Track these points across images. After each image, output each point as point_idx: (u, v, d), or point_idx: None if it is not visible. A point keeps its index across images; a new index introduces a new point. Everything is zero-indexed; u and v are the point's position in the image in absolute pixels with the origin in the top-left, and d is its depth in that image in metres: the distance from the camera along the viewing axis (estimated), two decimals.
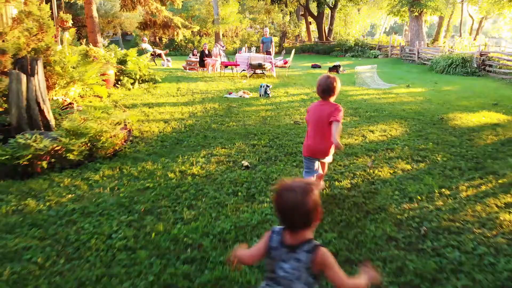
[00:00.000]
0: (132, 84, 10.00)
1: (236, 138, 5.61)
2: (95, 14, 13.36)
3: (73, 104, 6.78)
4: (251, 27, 39.35)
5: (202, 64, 14.95)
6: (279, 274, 1.58)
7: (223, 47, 17.94)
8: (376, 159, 4.79)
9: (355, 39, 29.63)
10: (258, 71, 13.04)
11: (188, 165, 4.47)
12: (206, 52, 15.00)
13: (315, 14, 36.25)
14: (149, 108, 7.70)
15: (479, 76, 15.11)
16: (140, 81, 10.43)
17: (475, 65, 15.57)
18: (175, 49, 35.05)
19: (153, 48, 18.67)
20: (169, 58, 17.84)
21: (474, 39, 37.40)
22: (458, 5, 37.81)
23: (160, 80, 10.71)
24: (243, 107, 8.03)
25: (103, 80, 8.26)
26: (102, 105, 7.49)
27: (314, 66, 18.75)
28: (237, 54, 14.15)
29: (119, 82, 9.80)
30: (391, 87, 11.74)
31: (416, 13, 21.90)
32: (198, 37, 38.03)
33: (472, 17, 39.79)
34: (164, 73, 14.15)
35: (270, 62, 12.84)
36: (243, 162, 4.56)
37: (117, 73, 9.79)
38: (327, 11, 36.84)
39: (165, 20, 11.08)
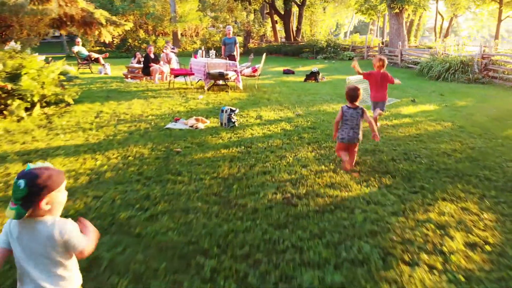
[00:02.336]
0: (29, 109, 6.61)
1: (160, 277, 2.47)
2: None
3: None
4: (213, 26, 36.03)
5: (147, 71, 11.63)
6: (347, 118, 4.06)
7: (173, 49, 14.61)
8: None
9: (327, 39, 27.07)
10: (221, 81, 9.92)
11: None
12: (152, 56, 11.69)
13: (282, 12, 33.52)
14: (25, 162, 4.40)
15: (484, 84, 12.72)
16: (44, 104, 7.05)
17: (477, 70, 13.19)
18: (127, 51, 31.10)
19: (88, 52, 15.07)
20: (107, 64, 14.33)
21: (444, 39, 36.03)
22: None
23: (72, 102, 7.34)
24: (192, 151, 4.89)
25: None
26: None
27: (286, 72, 15.82)
28: (191, 59, 10.97)
29: (6, 108, 6.38)
30: (394, 103, 8.97)
31: (397, 10, 19.51)
32: (153, 37, 34.29)
33: (442, 16, 38.39)
34: (94, 85, 10.73)
35: (235, 71, 9.75)
36: None
37: (2, 95, 6.37)
38: (295, 9, 34.20)
39: (84, 14, 7.70)
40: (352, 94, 4.09)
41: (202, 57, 10.82)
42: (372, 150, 5.04)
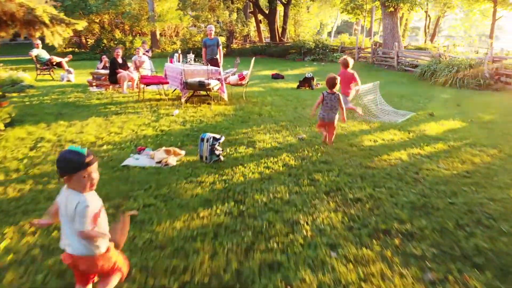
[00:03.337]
0: None
1: None
2: None
3: None
4: (194, 26, 34.11)
5: (113, 79, 9.83)
6: (327, 102, 5.03)
7: (148, 51, 12.81)
8: None
9: (315, 40, 25.59)
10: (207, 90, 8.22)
11: None
12: (120, 60, 9.90)
13: (266, 11, 31.97)
14: None
15: (497, 90, 11.38)
16: None
17: (487, 75, 11.85)
18: (102, 52, 28.92)
19: (49, 55, 13.13)
20: (71, 69, 12.43)
21: (431, 39, 35.06)
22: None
23: (1, 128, 5.54)
24: (154, 214, 3.20)
25: None
26: None
27: (275, 77, 14.21)
28: (166, 65, 9.24)
29: None
30: (411, 117, 7.46)
31: (392, 8, 18.13)
32: (130, 37, 32.19)
33: (429, 16, 37.41)
34: (49, 96, 8.91)
35: (219, 79, 8.07)
36: None
37: None
38: (280, 8, 32.65)
39: (24, 12, 5.91)
40: (332, 82, 5.09)
41: (179, 61, 9.10)
42: (422, 205, 3.45)
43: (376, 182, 3.96)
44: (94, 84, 10.79)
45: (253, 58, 9.68)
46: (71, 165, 1.81)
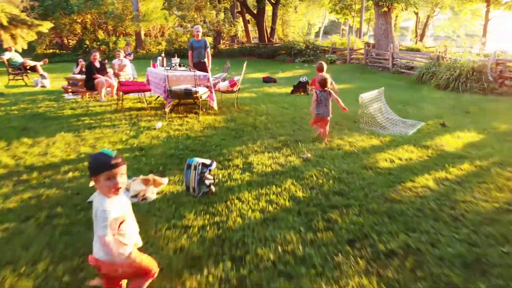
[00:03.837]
0: None
1: None
2: None
3: None
4: (180, 26, 33.05)
5: (90, 85, 8.90)
6: (321, 99, 5.42)
7: (129, 54, 11.83)
8: None
9: (305, 41, 24.88)
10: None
11: None
12: (97, 64, 8.97)
13: (254, 11, 31.16)
14: None
15: (502, 95, 10.76)
16: None
17: (491, 78, 11.23)
18: (84, 53, 27.67)
19: (23, 59, 12.08)
20: (45, 73, 11.41)
21: (421, 40, 34.68)
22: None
23: None
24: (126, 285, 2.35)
25: None
26: None
27: (267, 81, 13.41)
28: (148, 69, 8.34)
29: None
30: (420, 128, 6.73)
31: (385, 8, 17.47)
32: (113, 38, 31.00)
33: (418, 15, 37.04)
34: (17, 106, 7.98)
35: (208, 87, 7.22)
36: None
37: None
38: (268, 7, 31.86)
39: None
40: (323, 82, 5.54)
41: (163, 66, 8.21)
42: (475, 260, 2.66)
43: (408, 223, 3.17)
44: (69, 90, 9.83)
45: (245, 62, 8.83)
46: (97, 166, 1.88)
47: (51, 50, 29.63)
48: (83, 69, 10.07)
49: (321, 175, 4.22)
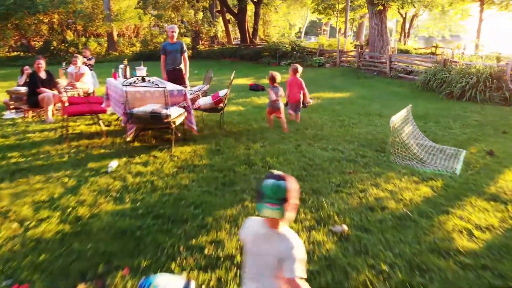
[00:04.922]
0: None
1: None
2: None
3: None
4: (157, 26, 30.91)
5: (33, 101, 6.93)
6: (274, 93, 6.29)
7: (90, 59, 9.81)
8: None
9: (291, 42, 23.22)
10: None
11: None
12: (43, 75, 7.00)
13: (235, 10, 29.35)
14: None
15: None
16: None
17: (511, 86, 9.78)
18: (51, 56, 25.13)
19: None
20: None
21: (406, 39, 33.61)
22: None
23: None
24: None
25: None
26: None
27: (254, 89, 11.63)
28: (108, 80, 6.44)
29: None
30: (467, 161, 5.08)
31: (380, 7, 15.96)
32: (83, 39, 28.62)
33: (402, 15, 35.93)
34: None
35: (186, 107, 5.38)
36: None
37: None
38: (250, 6, 30.09)
39: None
40: (274, 78, 6.21)
41: (125, 77, 6.32)
42: None
43: None
44: (12, 106, 7.82)
45: (233, 72, 7.04)
46: None
47: (15, 53, 27.14)
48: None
49: (376, 279, 2.46)
